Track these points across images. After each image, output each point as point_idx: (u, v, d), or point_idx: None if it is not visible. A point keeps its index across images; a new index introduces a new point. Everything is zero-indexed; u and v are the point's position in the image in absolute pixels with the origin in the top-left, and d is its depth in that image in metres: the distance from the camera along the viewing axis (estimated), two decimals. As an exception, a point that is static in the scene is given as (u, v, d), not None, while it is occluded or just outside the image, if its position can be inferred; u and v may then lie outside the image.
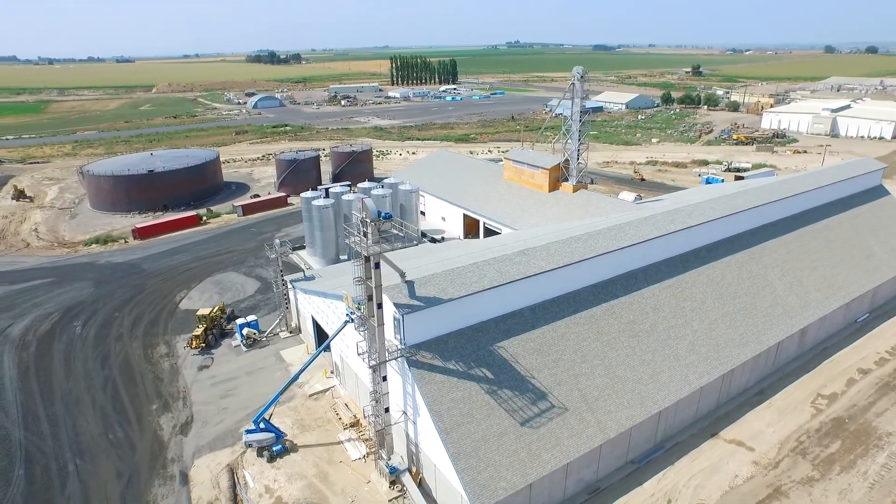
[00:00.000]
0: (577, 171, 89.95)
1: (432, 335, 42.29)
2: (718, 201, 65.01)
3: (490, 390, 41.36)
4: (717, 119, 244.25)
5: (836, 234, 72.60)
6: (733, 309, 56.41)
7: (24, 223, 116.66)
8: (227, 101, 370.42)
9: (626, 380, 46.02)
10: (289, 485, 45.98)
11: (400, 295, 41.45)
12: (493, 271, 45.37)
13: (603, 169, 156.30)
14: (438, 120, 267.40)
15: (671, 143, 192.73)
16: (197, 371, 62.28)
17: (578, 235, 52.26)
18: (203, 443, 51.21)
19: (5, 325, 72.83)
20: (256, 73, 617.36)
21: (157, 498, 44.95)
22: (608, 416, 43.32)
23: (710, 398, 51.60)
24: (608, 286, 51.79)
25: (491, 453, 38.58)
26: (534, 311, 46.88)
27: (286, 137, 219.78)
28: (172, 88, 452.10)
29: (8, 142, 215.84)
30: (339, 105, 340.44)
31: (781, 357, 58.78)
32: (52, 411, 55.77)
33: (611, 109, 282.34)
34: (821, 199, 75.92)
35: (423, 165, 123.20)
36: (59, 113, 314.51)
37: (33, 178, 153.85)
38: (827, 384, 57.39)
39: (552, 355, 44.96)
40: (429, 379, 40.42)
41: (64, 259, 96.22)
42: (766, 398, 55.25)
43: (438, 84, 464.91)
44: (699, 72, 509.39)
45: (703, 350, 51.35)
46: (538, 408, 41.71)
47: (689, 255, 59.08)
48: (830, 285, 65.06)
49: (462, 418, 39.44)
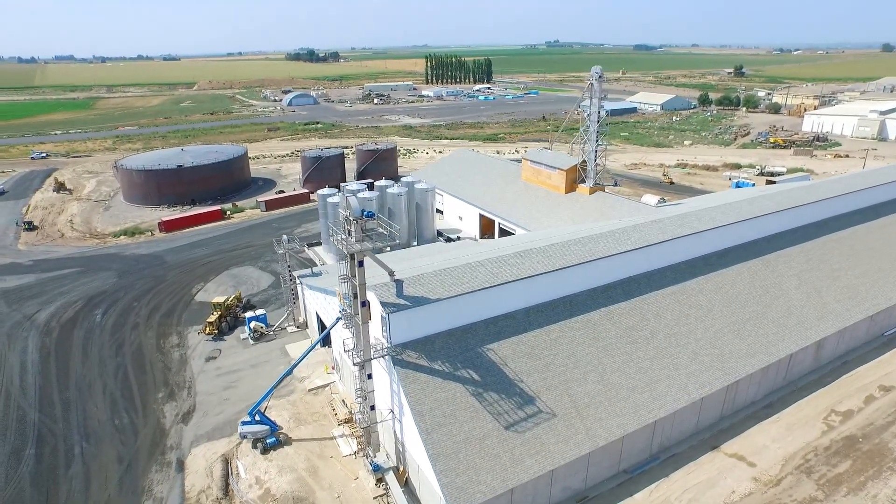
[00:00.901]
0: (595, 173, 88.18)
1: (419, 335, 42.20)
2: (733, 206, 62.74)
3: (475, 392, 40.99)
4: (756, 121, 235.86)
5: (863, 242, 69.07)
6: (742, 318, 54.32)
7: (62, 214, 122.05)
8: (264, 98, 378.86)
9: (620, 387, 44.88)
10: (279, 477, 46.67)
11: (387, 293, 41.50)
12: (485, 272, 44.95)
13: (630, 171, 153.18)
14: (469, 119, 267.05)
15: (704, 146, 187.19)
16: (204, 362, 63.90)
17: (578, 238, 51.22)
18: (202, 432, 52.50)
19: (33, 311, 76.34)
20: (295, 71, 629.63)
21: (152, 484, 46.32)
22: (598, 423, 42.33)
23: (712, 410, 49.86)
24: (607, 291, 50.62)
25: (472, 456, 38.22)
26: (527, 314, 46.23)
27: (316, 135, 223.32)
28: (213, 86, 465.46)
29: (56, 136, 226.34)
30: (371, 103, 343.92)
31: (794, 370, 56.32)
32: (66, 395, 58.15)
33: (645, 110, 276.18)
34: (848, 205, 72.40)
35: (443, 164, 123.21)
36: (106, 109, 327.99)
37: (74, 172, 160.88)
38: (843, 400, 54.68)
39: (543, 359, 44.24)
40: (413, 378, 40.35)
41: (93, 250, 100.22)
42: (774, 412, 53.01)
43: (473, 83, 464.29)
44: (742, 72, 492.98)
45: (706, 360, 49.63)
46: (524, 412, 41.10)
47: (698, 261, 57.20)
48: (853, 296, 61.94)
49: (444, 419, 39.22)
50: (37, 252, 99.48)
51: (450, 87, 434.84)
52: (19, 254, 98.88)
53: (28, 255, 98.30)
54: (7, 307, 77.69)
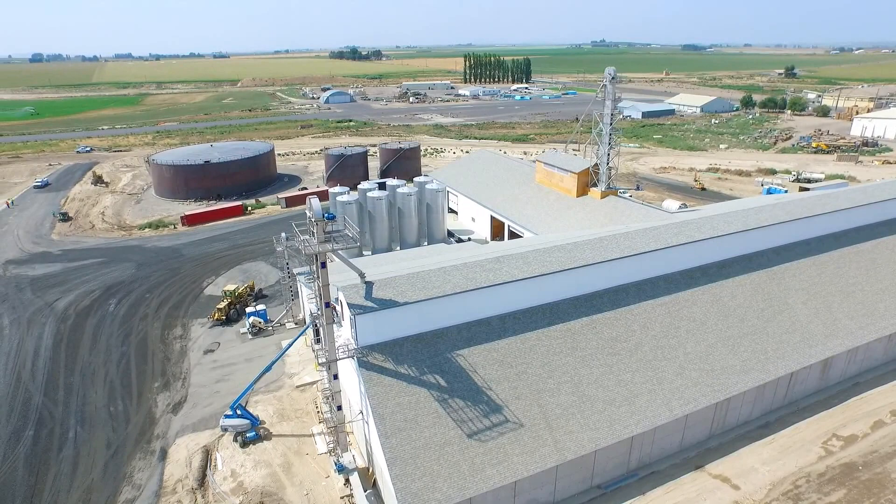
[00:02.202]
0: (607, 177, 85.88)
1: (388, 337, 42.04)
2: (739, 215, 59.87)
3: (440, 398, 40.53)
4: (801, 125, 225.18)
5: (887, 256, 64.80)
6: (739, 333, 51.82)
7: (95, 206, 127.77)
8: (303, 95, 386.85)
9: (595, 400, 43.53)
10: (253, 471, 47.46)
11: (356, 295, 41.52)
12: (459, 277, 44.37)
13: (658, 175, 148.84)
14: (502, 119, 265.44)
15: (741, 150, 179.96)
16: (202, 354, 65.63)
17: (563, 245, 49.92)
18: (189, 423, 53.93)
19: (54, 299, 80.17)
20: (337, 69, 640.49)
21: (133, 471, 47.88)
22: (568, 436, 41.17)
23: (699, 428, 47.79)
24: (592, 299, 49.14)
25: (430, 462, 37.81)
26: (503, 321, 45.39)
27: (347, 132, 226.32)
28: (255, 83, 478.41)
29: (103, 132, 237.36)
30: (407, 102, 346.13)
31: (797, 390, 53.38)
32: (71, 381, 60.79)
33: (683, 112, 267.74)
34: (874, 215, 68.03)
35: (461, 164, 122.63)
36: (152, 105, 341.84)
37: (113, 165, 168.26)
38: (847, 424, 51.46)
39: (516, 368, 43.35)
40: (377, 381, 40.24)
41: (118, 241, 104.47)
42: (770, 433, 50.35)
43: (511, 83, 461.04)
44: (793, 73, 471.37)
45: (694, 375, 47.57)
46: (490, 421, 40.38)
47: (695, 272, 54.86)
48: (869, 314, 58.21)
49: (405, 424, 38.94)
50: (67, 242, 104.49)
51: (487, 86, 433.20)
52: (52, 243, 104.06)
53: (59, 244, 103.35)
54: (32, 294, 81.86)
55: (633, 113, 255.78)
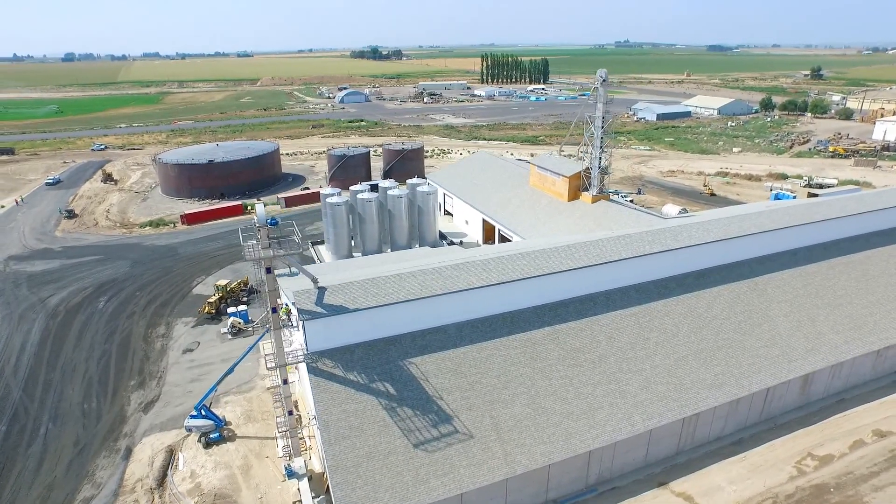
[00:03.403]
0: (599, 181, 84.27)
1: (339, 343, 41.69)
2: (720, 223, 58.07)
3: (388, 406, 40.01)
4: (821, 128, 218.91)
5: (880, 268, 62.22)
6: (712, 346, 50.20)
7: (102, 204, 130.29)
8: (319, 95, 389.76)
9: (552, 412, 42.52)
10: (213, 473, 47.55)
11: (307, 301, 41.26)
12: (415, 284, 43.77)
13: (664, 178, 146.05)
14: (514, 120, 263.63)
15: (754, 154, 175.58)
16: (181, 353, 66.19)
17: (528, 252, 48.93)
18: (158, 422, 54.37)
19: (47, 295, 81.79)
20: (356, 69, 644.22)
21: (96, 469, 48.39)
22: (520, 449, 40.27)
23: (665, 443, 46.40)
24: (557, 308, 48.07)
25: (373, 472, 37.33)
26: (460, 329, 44.66)
27: (357, 132, 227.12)
28: (274, 82, 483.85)
29: (120, 130, 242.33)
30: (421, 102, 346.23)
31: (775, 405, 51.55)
32: (51, 377, 61.83)
33: (700, 115, 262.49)
34: (868, 225, 65.45)
35: (459, 167, 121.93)
36: (172, 104, 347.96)
37: (125, 164, 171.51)
38: (824, 443, 49.47)
39: (470, 377, 42.59)
40: (325, 387, 39.91)
41: (118, 239, 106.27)
42: (742, 450, 48.72)
43: (528, 83, 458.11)
44: (819, 75, 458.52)
45: (661, 389, 46.18)
46: (438, 431, 39.71)
47: (670, 281, 53.32)
48: (857, 327, 55.93)
49: (350, 431, 38.53)
50: (69, 239, 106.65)
51: (503, 86, 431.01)
52: (55, 240, 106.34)
53: (61, 241, 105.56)
54: (27, 290, 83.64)
55: (648, 115, 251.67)
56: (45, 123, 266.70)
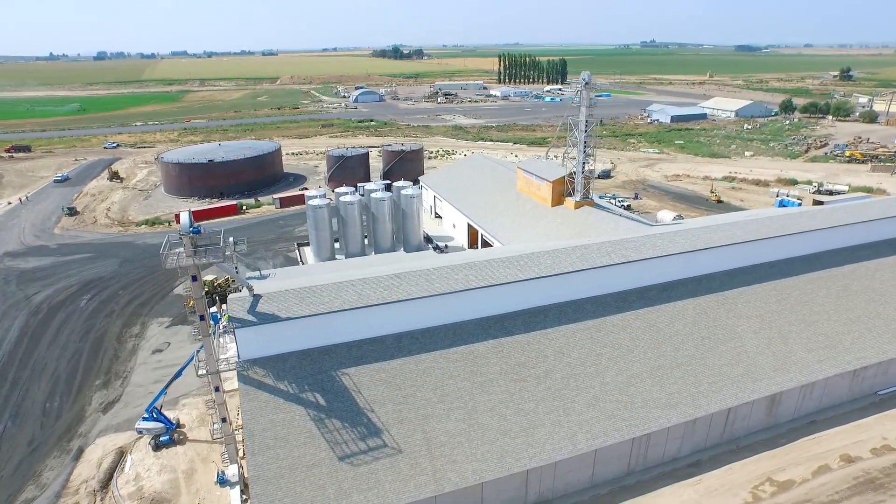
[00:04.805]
0: (582, 186, 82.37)
1: (272, 352, 41.18)
2: (691, 233, 55.97)
3: (316, 417, 39.34)
4: (842, 131, 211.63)
5: (863, 282, 59.30)
6: (670, 363, 48.31)
7: (104, 202, 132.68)
8: (335, 94, 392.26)
9: (488, 429, 41.32)
10: (157, 476, 47.52)
11: (240, 308, 40.86)
12: (353, 293, 43.01)
13: (668, 182, 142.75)
14: (524, 121, 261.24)
15: (766, 158, 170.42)
16: (150, 354, 66.63)
17: (476, 262, 47.74)
18: (114, 422, 54.67)
19: (34, 292, 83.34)
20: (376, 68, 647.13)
21: (44, 469, 48.79)
22: (451, 466, 39.19)
23: (614, 464, 44.73)
24: (504, 321, 46.78)
25: (294, 484, 36.69)
26: (399, 340, 43.73)
27: (365, 132, 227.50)
28: (293, 81, 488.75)
29: (135, 128, 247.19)
30: (435, 102, 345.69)
31: (738, 427, 49.40)
32: (20, 375, 62.76)
33: (717, 117, 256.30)
34: (855, 237, 62.48)
35: (452, 169, 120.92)
36: (190, 102, 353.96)
37: (133, 162, 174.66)
38: (787, 468, 47.17)
39: (404, 390, 41.65)
40: (253, 396, 39.44)
41: (112, 237, 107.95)
42: (699, 472, 46.72)
43: (546, 84, 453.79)
44: (849, 76, 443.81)
45: (609, 407, 44.56)
46: (366, 444, 38.89)
47: (630, 294, 51.51)
48: (832, 346, 53.33)
49: (275, 442, 37.96)
50: (66, 237, 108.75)
51: (519, 87, 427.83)
52: (52, 237, 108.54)
53: (58, 238, 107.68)
54: (16, 287, 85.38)
55: (662, 117, 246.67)
56: (67, 121, 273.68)
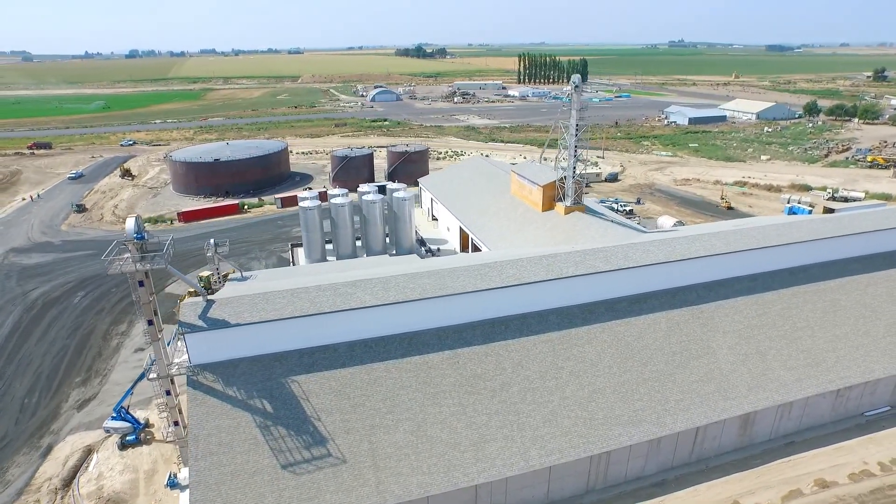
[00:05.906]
0: (573, 191, 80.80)
1: (223, 357, 41.15)
2: (665, 244, 54.27)
3: (263, 424, 39.17)
4: (868, 135, 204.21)
5: (853, 298, 56.75)
6: (636, 378, 46.86)
7: (113, 199, 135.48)
8: (354, 93, 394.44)
9: (437, 441, 40.61)
10: (119, 476, 48.02)
11: (191, 313, 40.92)
12: (306, 300, 42.72)
13: (677, 187, 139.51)
14: (540, 122, 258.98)
15: (783, 162, 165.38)
16: (132, 352, 67.56)
17: (436, 270, 46.98)
18: (86, 420, 55.50)
19: (31, 288, 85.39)
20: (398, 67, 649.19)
21: (11, 466, 49.71)
22: (395, 478, 38.63)
23: (570, 482, 43.57)
24: (462, 331, 45.93)
25: (234, 491, 36.57)
26: (351, 348, 43.29)
27: (378, 132, 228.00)
28: (314, 79, 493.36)
29: (154, 125, 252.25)
30: (452, 102, 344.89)
31: (707, 446, 47.72)
32: (5, 370, 64.17)
33: (737, 119, 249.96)
34: (846, 250, 59.86)
35: (451, 171, 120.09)
36: (211, 100, 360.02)
37: (147, 159, 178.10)
38: (756, 491, 45.33)
39: (353, 399, 41.21)
40: (201, 401, 39.45)
41: (115, 234, 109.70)
42: (661, 493, 45.24)
43: (565, 84, 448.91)
44: (883, 76, 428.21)
45: (566, 423, 43.41)
46: (310, 453, 38.57)
47: (598, 306, 50.11)
48: (814, 364, 51.14)
49: (219, 448, 37.90)
50: (71, 233, 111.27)
51: (538, 87, 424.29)
52: (58, 234, 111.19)
53: (64, 235, 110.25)
54: (16, 283, 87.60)
55: (679, 119, 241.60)
56: (90, 119, 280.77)
